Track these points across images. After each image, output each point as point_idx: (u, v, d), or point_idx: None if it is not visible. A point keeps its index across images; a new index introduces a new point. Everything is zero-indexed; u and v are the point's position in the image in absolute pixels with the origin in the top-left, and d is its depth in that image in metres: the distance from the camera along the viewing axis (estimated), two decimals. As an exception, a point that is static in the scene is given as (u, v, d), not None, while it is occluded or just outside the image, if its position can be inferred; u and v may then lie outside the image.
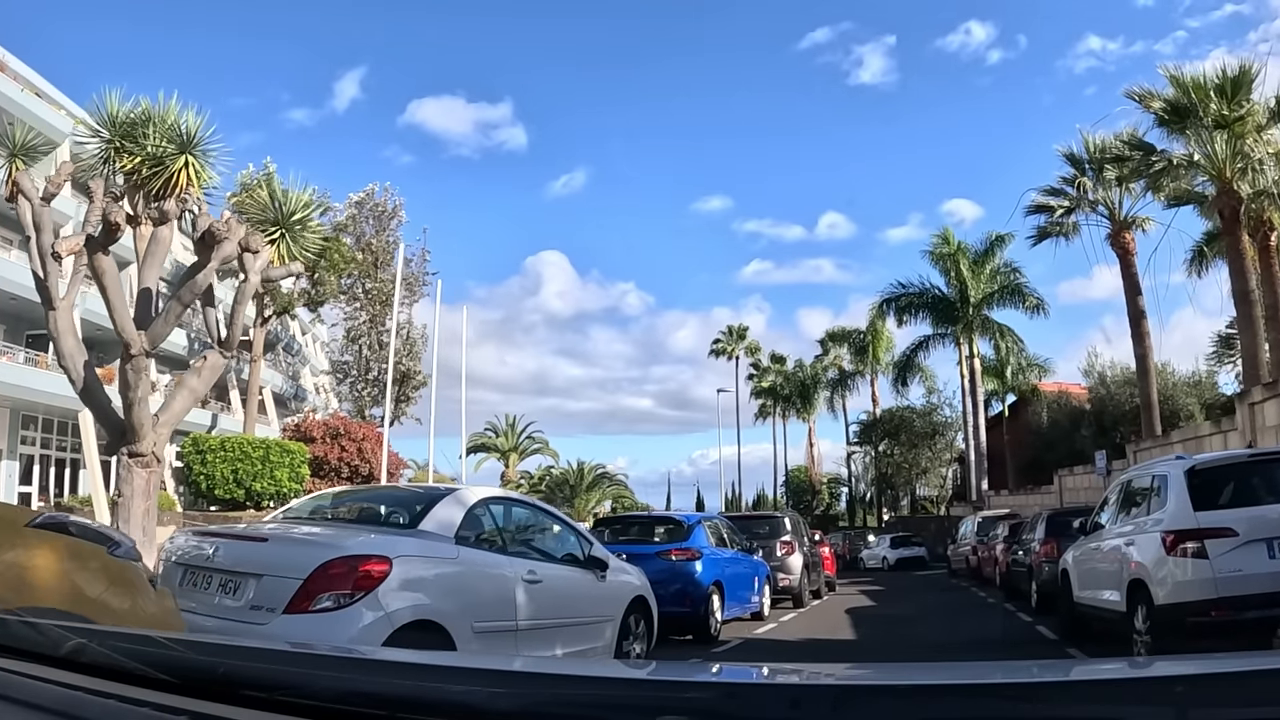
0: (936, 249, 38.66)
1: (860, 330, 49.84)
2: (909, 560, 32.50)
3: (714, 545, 10.70)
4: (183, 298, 10.53)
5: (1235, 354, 30.00)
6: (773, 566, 13.87)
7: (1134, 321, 25.64)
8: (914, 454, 44.04)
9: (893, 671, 1.64)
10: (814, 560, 16.38)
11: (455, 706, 1.13)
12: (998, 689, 1.09)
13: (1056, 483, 26.42)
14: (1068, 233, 28.11)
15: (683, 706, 1.08)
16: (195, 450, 37.29)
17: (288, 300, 40.95)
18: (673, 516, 11.23)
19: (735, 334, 59.60)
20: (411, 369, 45.27)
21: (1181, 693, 0.97)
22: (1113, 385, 29.65)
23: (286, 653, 1.58)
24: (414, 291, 46.55)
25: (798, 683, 1.39)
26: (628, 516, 15.55)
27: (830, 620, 13.08)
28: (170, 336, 41.41)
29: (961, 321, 37.75)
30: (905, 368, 41.20)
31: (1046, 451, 31.23)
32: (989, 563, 19.35)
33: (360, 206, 46.42)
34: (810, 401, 53.78)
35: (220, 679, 1.26)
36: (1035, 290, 36.31)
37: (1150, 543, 6.59)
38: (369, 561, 4.65)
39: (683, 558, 9.85)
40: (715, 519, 12.13)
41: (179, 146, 10.77)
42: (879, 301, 39.39)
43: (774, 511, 16.40)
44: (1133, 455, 20.20)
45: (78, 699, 1.26)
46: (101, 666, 1.34)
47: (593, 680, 1.29)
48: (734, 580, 10.80)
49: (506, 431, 64.90)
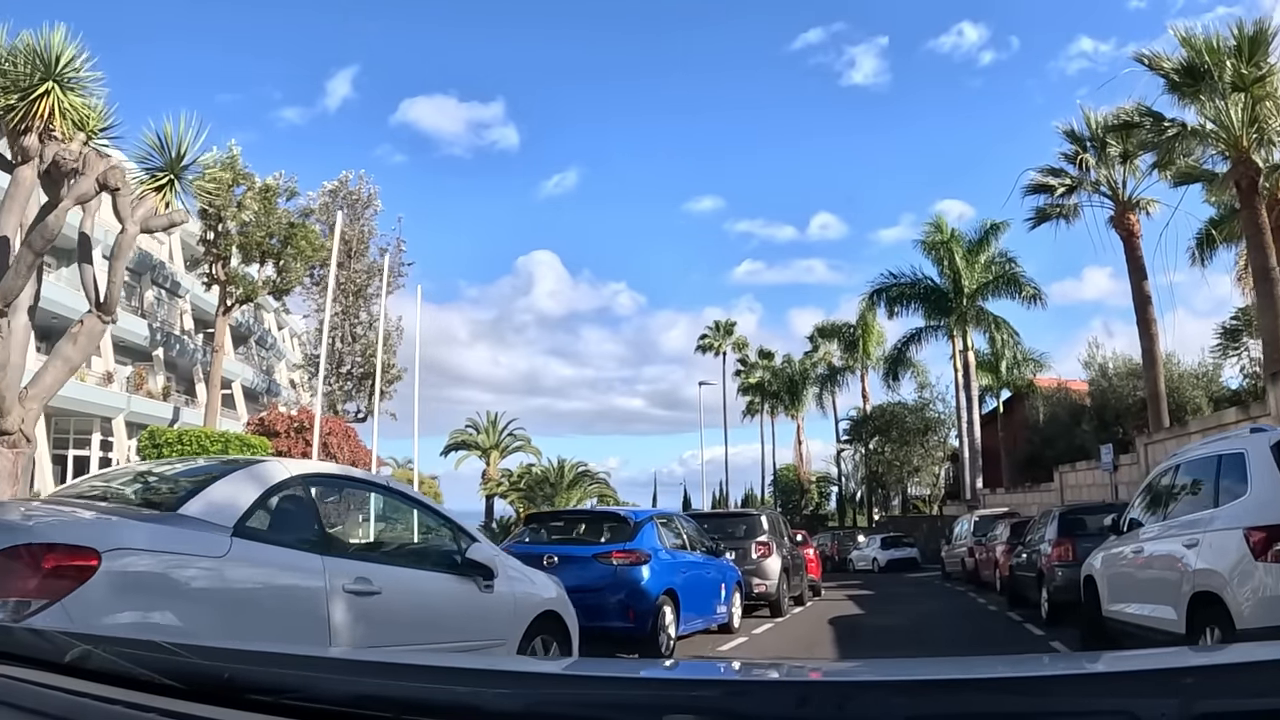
0: (929, 238, 37.05)
1: (850, 324, 48.24)
2: (900, 562, 30.85)
3: (669, 547, 9.00)
4: (33, 244, 8.83)
5: (1241, 346, 28.54)
6: (746, 571, 12.21)
7: (1139, 307, 24.07)
8: (905, 451, 42.36)
9: (900, 667, 1.59)
10: (795, 563, 14.69)
11: (462, 708, 1.14)
12: (1005, 683, 1.09)
13: (1057, 480, 24.84)
14: (1068, 215, 26.55)
15: (690, 704, 1.10)
16: (152, 444, 35.52)
17: (251, 288, 39.20)
18: (617, 512, 9.49)
19: (722, 329, 57.89)
20: (387, 362, 43.63)
21: (1190, 684, 0.97)
22: (1115, 378, 28.06)
23: (292, 656, 1.56)
24: (389, 282, 44.96)
25: (805, 679, 1.36)
26: (563, 512, 13.68)
27: (811, 633, 11.38)
28: (131, 326, 38.82)
29: (955, 313, 36.13)
30: (896, 361, 39.53)
31: (1045, 448, 29.68)
32: (988, 565, 17.71)
33: (334, 195, 44.80)
34: (799, 398, 52.10)
35: (226, 684, 1.26)
36: (1032, 280, 34.72)
37: (1224, 544, 4.91)
38: (60, 554, 3.09)
39: (626, 561, 8.14)
40: (673, 516, 10.39)
41: (42, 74, 9.01)
42: (869, 292, 37.71)
43: (749, 509, 14.62)
44: (1143, 449, 18.60)
45: (83, 706, 1.27)
46: (107, 673, 1.34)
47: (599, 680, 1.30)
48: (694, 588, 9.10)
49: (488, 429, 63.20)
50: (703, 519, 13.61)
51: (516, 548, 8.19)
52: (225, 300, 38.75)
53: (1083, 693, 1.03)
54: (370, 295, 43.84)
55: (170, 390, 41.37)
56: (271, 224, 37.94)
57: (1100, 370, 28.89)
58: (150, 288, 42.29)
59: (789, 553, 14.02)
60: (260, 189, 38.22)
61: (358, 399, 43.76)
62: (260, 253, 38.73)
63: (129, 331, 38.66)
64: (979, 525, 21.02)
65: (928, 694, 1.05)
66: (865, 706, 1.01)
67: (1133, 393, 27.30)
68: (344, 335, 43.31)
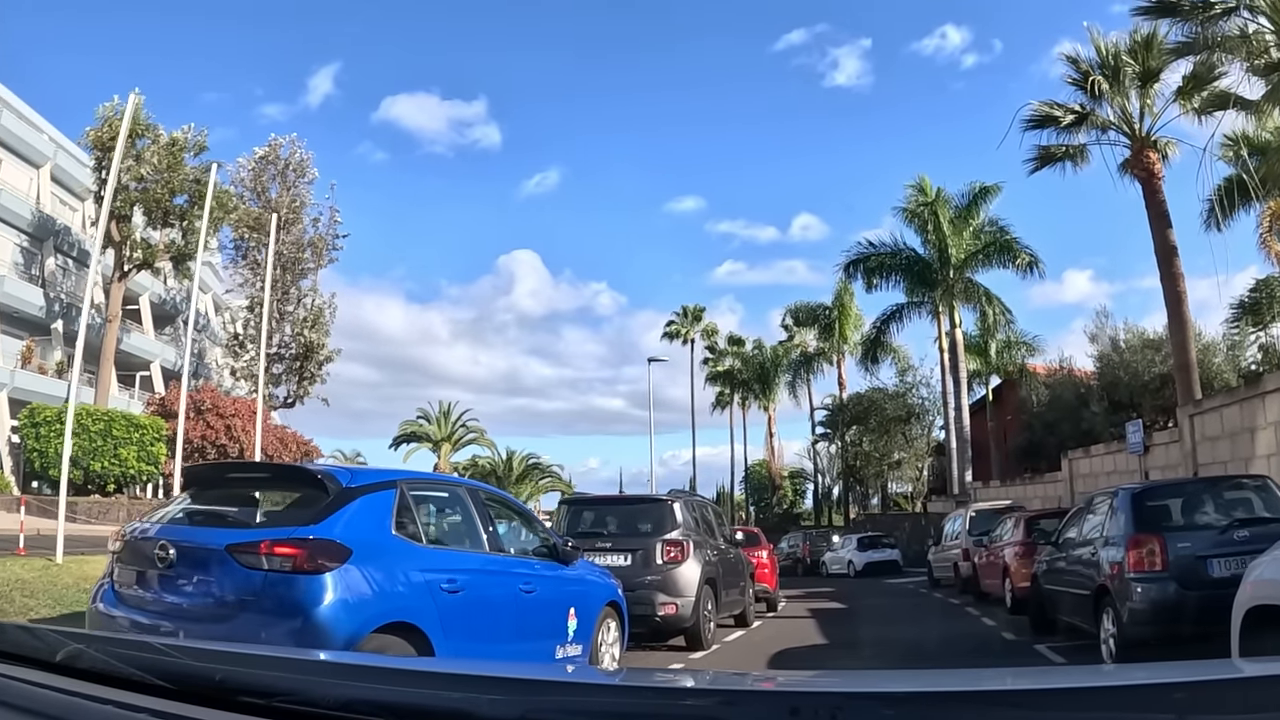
0: (911, 203, 33.03)
1: (826, 306, 44.15)
2: (880, 565, 26.74)
3: (418, 540, 4.71)
4: None
5: (1264, 319, 24.76)
6: (648, 584, 8.05)
7: (1163, 259, 20.13)
8: (885, 442, 38.25)
9: (893, 679, 1.57)
10: (733, 570, 10.49)
11: (453, 713, 1.14)
12: (998, 696, 1.09)
13: (1066, 468, 20.84)
14: (1075, 157, 22.58)
15: (680, 714, 1.11)
16: (31, 423, 31.05)
17: (151, 252, 34.71)
18: (307, 471, 5.11)
19: (690, 315, 53.71)
20: (316, 341, 39.32)
21: (1184, 699, 0.97)
22: (1127, 352, 24.10)
23: (283, 659, 1.56)
24: (322, 255, 40.78)
25: (797, 690, 1.30)
26: (231, 465, 9.12)
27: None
28: (24, 295, 33.85)
29: (941, 286, 32.14)
30: (875, 343, 35.38)
31: (1047, 434, 25.71)
32: (992, 572, 13.64)
33: (265, 162, 40.47)
34: (770, 386, 47.91)
35: (217, 685, 1.26)
36: (1028, 246, 30.75)
37: None
38: None
39: (290, 561, 3.94)
40: (452, 486, 6.06)
41: None
42: (845, 263, 33.47)
43: (659, 496, 10.31)
44: (1188, 422, 14.56)
45: (75, 705, 1.27)
46: (99, 672, 1.34)
47: (588, 687, 1.33)
48: (477, 613, 4.80)
49: (439, 419, 59.01)
50: (583, 505, 9.47)
51: None
52: (122, 265, 34.34)
53: (1078, 707, 1.02)
54: (303, 269, 39.70)
55: (64, 367, 36.62)
56: (176, 181, 33.66)
57: (1111, 344, 24.92)
58: (53, 255, 37.70)
59: (720, 556, 9.80)
60: (167, 143, 34.04)
61: (287, 382, 39.54)
62: (163, 212, 34.47)
63: (21, 301, 34.19)
64: (976, 522, 16.99)
65: (919, 706, 1.05)
66: (856, 717, 1.00)
67: (1149, 368, 23.39)
68: (272, 313, 39.36)
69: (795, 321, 47.23)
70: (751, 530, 16.32)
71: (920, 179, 33.07)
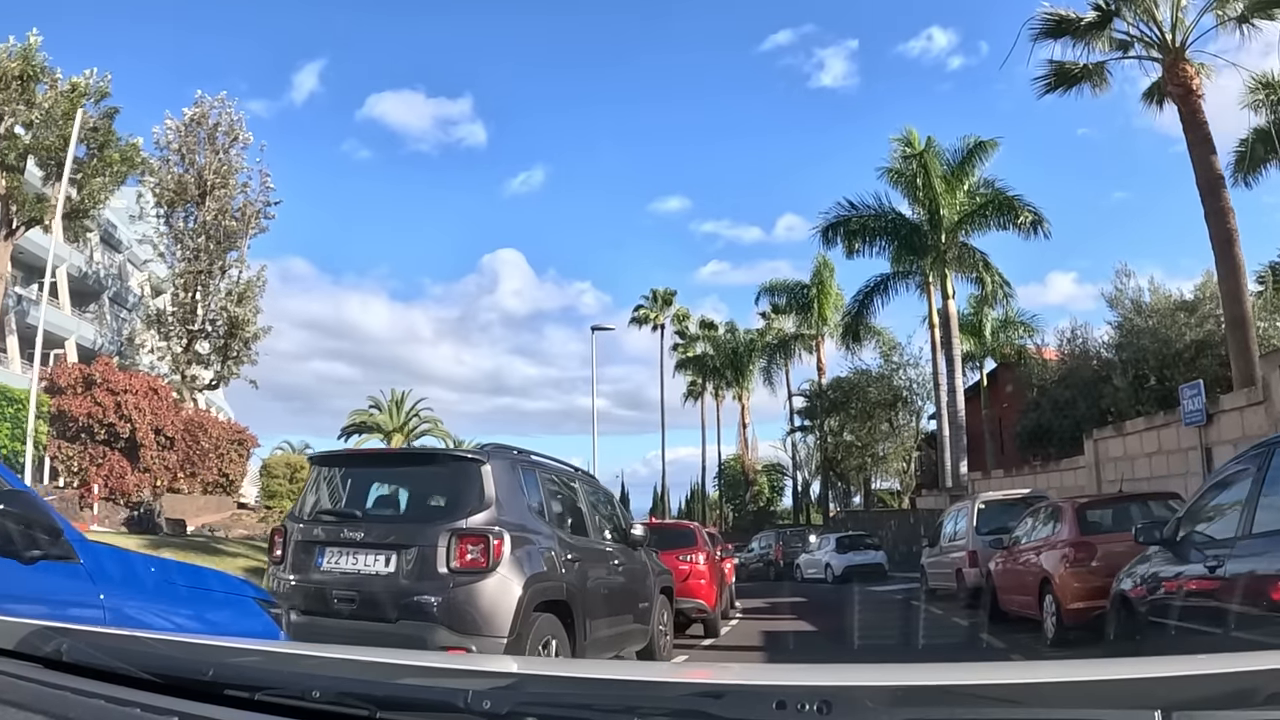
0: (898, 161, 29.12)
1: (804, 284, 40.22)
2: (862, 569, 22.73)
3: None
4: None
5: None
6: (420, 610, 4.05)
7: (1207, 192, 16.32)
8: (868, 430, 34.27)
9: (880, 672, 1.42)
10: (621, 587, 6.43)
11: (439, 704, 1.14)
12: (986, 690, 1.09)
13: (1091, 450, 16.94)
14: (1095, 77, 18.74)
15: (667, 706, 1.11)
16: (-96, 402, 26.72)
17: (40, 207, 30.45)
18: None
19: (660, 299, 49.75)
20: (243, 318, 35.05)
21: (1168, 693, 0.97)
22: (1157, 315, 20.23)
23: (272, 652, 1.56)
24: (251, 224, 36.60)
25: (784, 683, 1.24)
26: None
27: None
28: None
29: (932, 253, 28.26)
30: (857, 318, 31.41)
31: (1058, 416, 21.84)
32: (1019, 585, 9.67)
33: (194, 124, 36.11)
34: (743, 372, 43.93)
35: (207, 679, 1.25)
36: (1031, 203, 26.88)
37: None
38: None
39: None
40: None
41: None
42: (823, 227, 29.33)
43: (458, 451, 6.07)
44: (1277, 374, 10.65)
45: (64, 699, 1.25)
46: (88, 666, 1.32)
47: (576, 680, 1.29)
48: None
49: (391, 408, 54.88)
50: (337, 466, 5.55)
51: None
52: (10, 222, 30.10)
53: (1064, 700, 1.03)
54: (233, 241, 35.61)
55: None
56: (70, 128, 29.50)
57: (1134, 307, 21.04)
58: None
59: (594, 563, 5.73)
60: (66, 89, 29.91)
61: (214, 363, 35.37)
62: (57, 164, 30.33)
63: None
64: (986, 518, 13.10)
65: (907, 700, 1.05)
66: (844, 712, 1.01)
67: (1181, 335, 19.58)
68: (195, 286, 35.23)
69: (772, 302, 43.18)
70: (682, 526, 12.34)
71: (907, 130, 29.17)
